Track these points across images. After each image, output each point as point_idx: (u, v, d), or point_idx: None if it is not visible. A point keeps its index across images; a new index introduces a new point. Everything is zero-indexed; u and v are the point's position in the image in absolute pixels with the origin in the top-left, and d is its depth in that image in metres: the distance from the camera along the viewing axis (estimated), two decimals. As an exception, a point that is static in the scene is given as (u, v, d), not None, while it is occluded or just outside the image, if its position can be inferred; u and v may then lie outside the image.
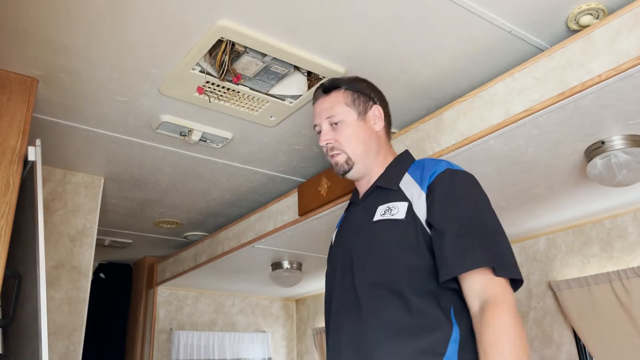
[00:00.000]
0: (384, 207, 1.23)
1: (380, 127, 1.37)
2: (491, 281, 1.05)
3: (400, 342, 1.06)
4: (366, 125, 1.35)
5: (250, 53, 1.57)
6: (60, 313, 2.20)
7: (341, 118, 1.34)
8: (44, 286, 1.29)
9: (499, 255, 1.08)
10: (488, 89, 1.65)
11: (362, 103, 1.36)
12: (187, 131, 2.02)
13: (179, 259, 3.51)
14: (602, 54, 1.37)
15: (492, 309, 1.01)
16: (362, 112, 1.35)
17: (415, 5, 1.42)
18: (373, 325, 1.10)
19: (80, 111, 1.90)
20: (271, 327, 4.34)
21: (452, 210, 1.14)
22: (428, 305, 1.09)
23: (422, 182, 1.22)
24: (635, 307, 2.33)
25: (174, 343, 3.71)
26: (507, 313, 1.00)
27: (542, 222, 2.65)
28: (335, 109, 1.34)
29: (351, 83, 1.38)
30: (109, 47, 1.55)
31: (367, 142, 1.33)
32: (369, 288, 1.15)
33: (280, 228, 2.52)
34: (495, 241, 1.11)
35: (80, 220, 2.37)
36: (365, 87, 1.39)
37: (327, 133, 1.35)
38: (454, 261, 1.07)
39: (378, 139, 1.36)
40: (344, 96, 1.36)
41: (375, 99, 1.39)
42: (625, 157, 1.71)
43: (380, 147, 1.36)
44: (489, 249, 1.08)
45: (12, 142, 1.54)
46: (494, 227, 1.14)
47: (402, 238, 1.16)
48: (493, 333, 0.99)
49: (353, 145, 1.33)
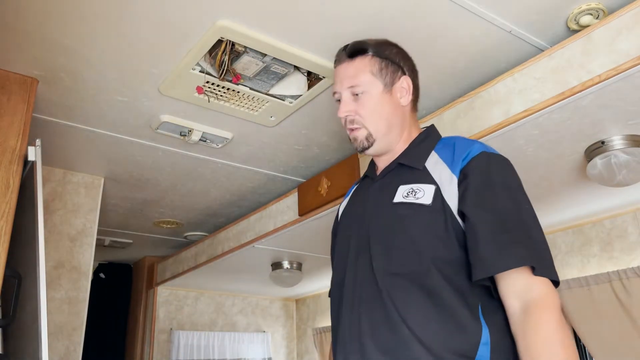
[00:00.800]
0: (407, 188, 1.10)
1: (407, 101, 1.22)
2: (533, 281, 0.95)
3: (428, 343, 0.96)
4: (392, 99, 1.20)
5: (250, 53, 1.56)
6: (60, 313, 2.20)
7: (365, 89, 1.19)
8: (44, 286, 1.29)
9: (539, 253, 0.97)
10: (488, 89, 1.65)
11: (390, 73, 1.21)
12: (187, 131, 2.02)
13: (179, 259, 3.51)
14: (602, 54, 1.37)
15: (538, 313, 0.92)
16: (389, 83, 1.20)
17: (415, 5, 1.42)
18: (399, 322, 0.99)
19: (80, 111, 1.90)
20: (271, 327, 4.34)
21: (489, 201, 1.02)
22: (455, 303, 0.98)
23: (454, 165, 1.09)
24: (635, 307, 2.33)
25: (174, 343, 3.71)
26: (554, 317, 0.91)
27: (542, 222, 2.63)
28: (360, 77, 1.20)
29: (380, 48, 1.22)
30: (109, 47, 1.55)
31: (391, 117, 1.20)
32: (391, 278, 1.04)
33: (280, 228, 2.52)
34: (534, 237, 1.00)
35: (80, 220, 2.37)
36: (395, 54, 1.23)
37: (348, 103, 1.20)
38: (492, 258, 0.96)
39: (403, 114, 1.22)
40: (370, 64, 1.21)
41: (405, 69, 1.23)
42: (625, 157, 1.71)
43: (405, 122, 1.22)
44: (529, 245, 0.97)
45: (12, 142, 1.54)
46: (533, 221, 1.03)
47: (429, 226, 1.04)
48: (542, 341, 0.90)
49: (376, 121, 1.19)
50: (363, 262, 1.10)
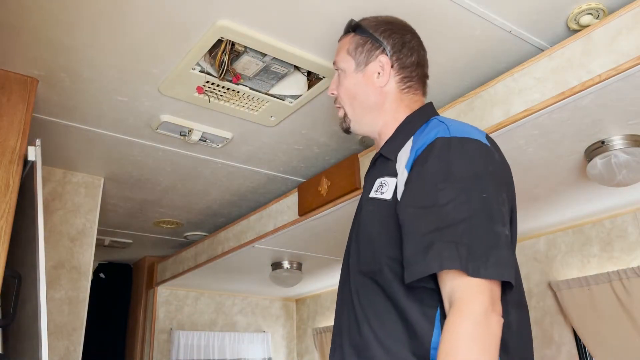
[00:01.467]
0: (378, 182, 1.05)
1: (384, 81, 1.12)
2: (463, 282, 0.84)
3: (385, 344, 0.92)
4: (365, 79, 1.14)
5: (250, 53, 1.56)
6: (60, 313, 2.20)
7: (341, 66, 1.17)
8: (44, 286, 1.29)
9: (475, 252, 0.85)
10: (488, 89, 1.65)
11: (365, 52, 1.15)
12: (187, 131, 2.02)
13: (179, 259, 3.51)
14: (602, 54, 1.37)
15: (455, 312, 0.83)
16: (362, 62, 1.14)
17: (415, 5, 1.42)
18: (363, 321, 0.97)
19: (80, 111, 1.90)
20: (271, 327, 4.34)
21: (424, 193, 0.93)
22: (407, 305, 0.92)
23: (412, 153, 1.01)
24: (635, 307, 2.33)
25: (174, 343, 3.71)
26: (471, 317, 0.81)
27: (542, 222, 2.65)
28: (339, 55, 1.19)
29: (368, 25, 1.17)
30: (109, 47, 1.55)
31: (363, 98, 1.14)
32: (359, 276, 1.01)
33: (280, 228, 2.52)
34: (476, 232, 0.87)
35: (80, 220, 2.37)
36: (381, 31, 1.16)
37: (333, 82, 1.20)
38: (415, 260, 0.87)
39: (382, 95, 1.13)
40: (349, 42, 1.18)
41: (387, 47, 1.14)
42: (625, 157, 1.71)
43: (385, 105, 1.13)
44: (463, 243, 0.86)
45: (12, 142, 1.54)
46: (482, 213, 0.88)
47: (386, 223, 0.97)
48: (449, 341, 0.82)
49: (349, 101, 1.16)
50: (346, 259, 1.09)
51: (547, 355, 2.70)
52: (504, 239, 0.88)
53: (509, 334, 0.91)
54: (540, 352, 2.73)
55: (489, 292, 0.84)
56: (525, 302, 1.03)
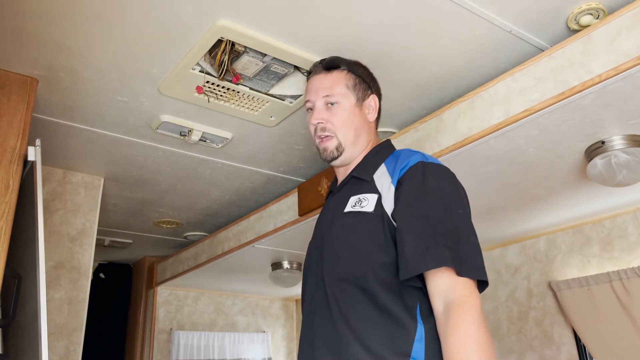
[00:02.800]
0: (355, 199, 1.19)
1: (373, 117, 1.34)
2: (456, 282, 1.01)
3: (368, 342, 1.03)
4: (361, 113, 1.31)
5: (250, 53, 1.56)
6: (60, 313, 2.20)
7: (339, 100, 1.29)
8: (44, 286, 1.29)
9: (463, 255, 1.03)
10: (488, 89, 1.65)
11: (362, 90, 1.32)
12: (187, 131, 2.02)
13: (179, 259, 3.51)
14: (602, 54, 1.37)
15: (457, 313, 0.98)
16: (361, 98, 1.32)
17: (415, 5, 1.42)
18: (342, 323, 1.07)
19: (80, 111, 1.90)
20: (271, 327, 4.34)
21: (417, 206, 1.10)
22: (394, 304, 1.05)
23: (394, 175, 1.17)
24: (635, 307, 2.33)
25: (174, 343, 3.71)
26: (472, 318, 0.96)
27: (542, 222, 2.65)
28: (336, 89, 1.30)
29: (354, 66, 1.35)
30: (109, 47, 1.55)
31: (359, 130, 1.29)
32: (337, 283, 1.12)
33: (280, 228, 2.52)
34: (460, 240, 1.05)
35: (80, 220, 2.37)
36: (366, 75, 1.36)
37: (321, 112, 1.29)
38: (414, 259, 1.02)
39: (369, 129, 1.33)
40: (346, 78, 1.32)
41: (373, 89, 1.36)
42: (625, 157, 1.71)
43: (369, 137, 1.32)
44: (453, 248, 1.03)
45: (12, 142, 1.54)
46: (462, 226, 1.09)
47: (369, 232, 1.12)
48: (458, 340, 0.95)
49: (346, 130, 1.28)
50: (318, 269, 1.20)
51: (547, 355, 2.70)
52: (479, 247, 1.08)
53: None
54: (540, 352, 2.73)
55: (476, 290, 1.02)
56: None
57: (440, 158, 1.75)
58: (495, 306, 3.02)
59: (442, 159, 1.75)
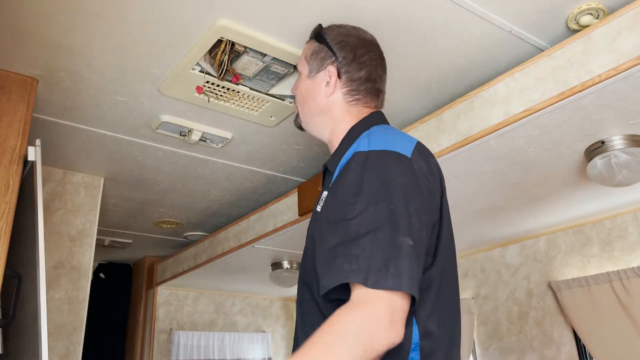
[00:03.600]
0: (321, 195, 1.06)
1: (330, 91, 1.15)
2: (363, 292, 0.82)
3: None
4: (315, 86, 1.18)
5: (250, 53, 1.56)
6: (60, 313, 2.20)
7: (299, 70, 1.24)
8: (44, 286, 1.29)
9: (373, 265, 0.83)
10: (488, 89, 1.65)
11: (319, 59, 1.19)
12: (187, 131, 2.02)
13: (179, 259, 3.51)
14: (602, 54, 1.37)
15: (345, 307, 0.82)
16: (314, 69, 1.19)
17: (415, 5, 1.42)
18: (300, 329, 1.00)
19: (80, 111, 1.90)
20: (271, 327, 4.34)
21: (328, 207, 0.97)
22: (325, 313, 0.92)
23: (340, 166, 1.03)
24: (635, 307, 2.33)
25: (174, 343, 3.71)
26: (353, 312, 0.80)
27: (542, 222, 2.65)
28: (300, 59, 1.26)
29: (327, 33, 1.22)
30: (109, 47, 1.55)
31: (311, 104, 1.18)
32: (301, 286, 1.04)
33: (280, 228, 2.52)
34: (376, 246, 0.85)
35: (80, 220, 2.37)
36: (337, 42, 1.19)
37: (295, 82, 1.26)
38: (323, 274, 0.89)
39: (331, 104, 1.16)
40: (308, 47, 1.25)
41: (339, 58, 1.16)
42: (625, 157, 1.71)
43: (332, 113, 1.16)
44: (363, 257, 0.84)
45: (12, 142, 1.54)
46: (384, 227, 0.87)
47: (315, 236, 0.99)
48: (324, 325, 0.81)
49: (300, 104, 1.22)
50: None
51: (547, 355, 2.70)
52: (406, 249, 0.85)
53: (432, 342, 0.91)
54: (540, 352, 2.73)
55: (389, 302, 0.82)
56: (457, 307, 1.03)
57: (441, 158, 1.75)
58: (495, 306, 3.02)
59: (442, 159, 1.75)
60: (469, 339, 3.05)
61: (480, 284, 3.15)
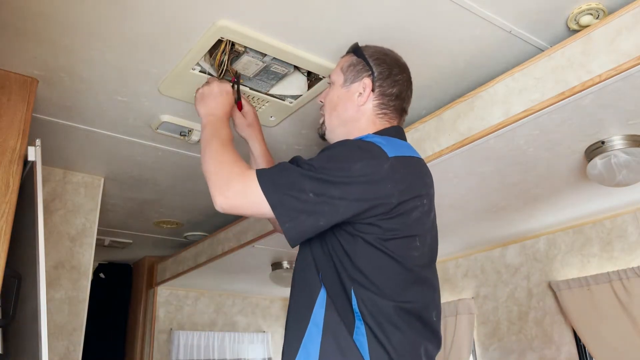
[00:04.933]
0: None
1: (362, 101, 1.25)
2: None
3: None
4: (348, 95, 1.27)
5: (250, 53, 1.56)
6: (60, 313, 2.20)
7: (332, 79, 1.32)
8: (44, 286, 1.29)
9: (276, 176, 1.08)
10: (488, 89, 1.65)
11: (356, 72, 1.28)
12: (187, 131, 2.02)
13: (179, 259, 3.51)
14: (602, 54, 1.37)
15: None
16: (350, 80, 1.28)
17: (415, 5, 1.42)
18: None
19: (80, 111, 1.90)
20: (271, 327, 4.33)
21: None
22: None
23: None
24: (635, 307, 2.33)
25: (174, 343, 3.71)
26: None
27: (542, 222, 2.65)
28: (335, 70, 1.34)
29: (365, 50, 1.31)
30: (109, 47, 1.55)
31: (342, 112, 1.27)
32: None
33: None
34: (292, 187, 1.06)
35: (80, 220, 2.37)
36: (374, 59, 1.28)
37: (324, 92, 1.35)
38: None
39: (360, 114, 1.25)
40: (345, 60, 1.33)
41: (375, 73, 1.26)
42: (625, 157, 1.71)
43: (359, 122, 1.25)
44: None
45: (12, 142, 1.54)
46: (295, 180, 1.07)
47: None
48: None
49: (329, 111, 1.30)
50: None
51: (547, 355, 2.70)
52: (300, 199, 1.06)
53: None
54: (540, 352, 2.73)
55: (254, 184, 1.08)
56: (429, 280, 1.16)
57: (440, 158, 1.75)
58: (495, 306, 3.02)
59: (442, 159, 1.75)
60: (469, 339, 3.05)
61: (480, 284, 3.15)
